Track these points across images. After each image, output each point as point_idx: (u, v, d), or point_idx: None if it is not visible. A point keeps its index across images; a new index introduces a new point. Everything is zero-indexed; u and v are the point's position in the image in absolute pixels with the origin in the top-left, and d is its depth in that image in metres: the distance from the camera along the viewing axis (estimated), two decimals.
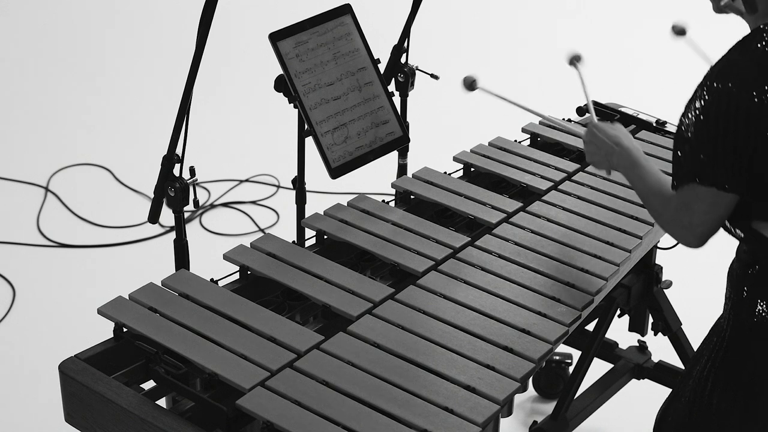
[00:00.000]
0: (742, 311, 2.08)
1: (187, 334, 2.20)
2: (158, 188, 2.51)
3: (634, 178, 2.23)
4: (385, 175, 3.32)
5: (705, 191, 1.98)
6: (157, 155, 2.55)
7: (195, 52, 2.40)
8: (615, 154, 2.29)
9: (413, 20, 3.05)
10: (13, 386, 3.53)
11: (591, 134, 2.37)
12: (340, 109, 2.72)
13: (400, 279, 2.48)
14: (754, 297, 2.06)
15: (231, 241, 4.10)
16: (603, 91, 3.75)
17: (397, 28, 3.08)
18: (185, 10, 5.60)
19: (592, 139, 2.36)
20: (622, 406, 3.29)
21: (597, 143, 2.34)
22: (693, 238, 2.05)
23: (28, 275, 4.11)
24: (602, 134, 2.33)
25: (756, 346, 2.07)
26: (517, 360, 2.18)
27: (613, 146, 2.29)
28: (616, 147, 2.29)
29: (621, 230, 2.67)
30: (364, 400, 2.04)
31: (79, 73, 5.87)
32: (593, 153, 2.37)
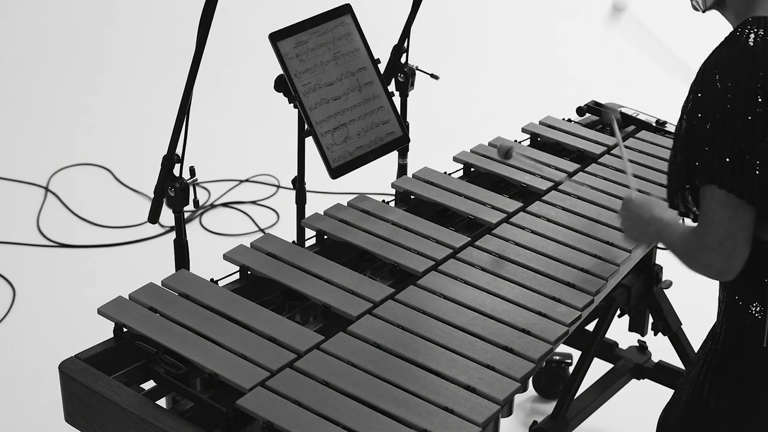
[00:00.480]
0: (735, 313, 2.08)
1: (187, 334, 2.20)
2: (158, 188, 2.51)
3: (667, 239, 2.14)
4: (385, 175, 3.32)
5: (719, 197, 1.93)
6: (157, 155, 2.55)
7: (195, 52, 2.40)
8: (650, 226, 2.20)
9: (413, 20, 3.05)
10: (13, 386, 3.53)
11: (626, 209, 2.29)
12: (340, 109, 2.72)
13: (400, 279, 2.48)
14: (748, 298, 2.05)
15: (231, 241, 4.10)
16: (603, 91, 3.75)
17: (397, 28, 3.08)
18: (185, 10, 5.60)
19: (628, 215, 2.28)
20: (622, 406, 3.29)
21: (632, 218, 2.26)
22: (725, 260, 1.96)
23: (28, 275, 4.11)
24: (637, 208, 2.24)
25: (750, 348, 2.07)
26: (517, 360, 2.18)
27: (648, 219, 2.21)
28: (651, 219, 2.20)
29: (621, 230, 2.67)
30: (364, 400, 2.04)
31: (79, 73, 5.87)
32: (629, 228, 2.28)
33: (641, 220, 2.23)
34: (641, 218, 2.23)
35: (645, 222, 2.22)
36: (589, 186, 2.88)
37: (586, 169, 2.98)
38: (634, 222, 2.26)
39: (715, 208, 1.95)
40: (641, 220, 2.23)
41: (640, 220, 2.23)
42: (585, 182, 2.90)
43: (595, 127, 3.28)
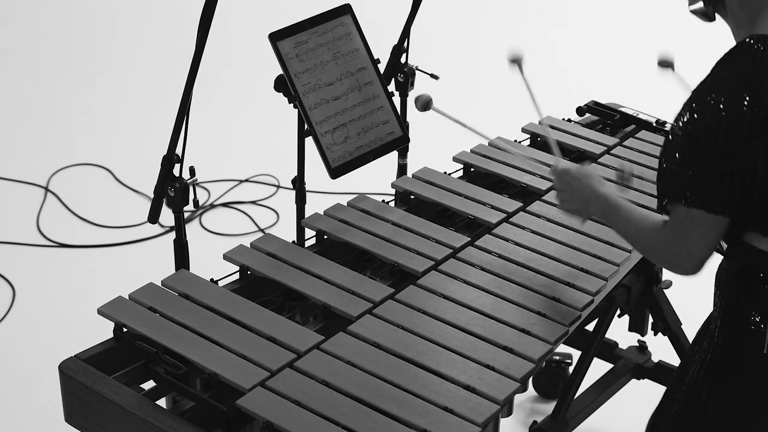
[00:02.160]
0: (734, 320, 2.06)
1: (187, 334, 2.20)
2: (158, 188, 2.51)
3: (618, 222, 2.15)
4: (385, 175, 3.32)
5: (698, 215, 1.94)
6: (157, 155, 2.55)
7: (195, 52, 2.40)
8: (592, 202, 2.20)
9: (413, 20, 3.05)
10: (13, 386, 3.53)
11: (563, 181, 2.26)
12: (340, 109, 2.72)
13: (400, 279, 2.48)
14: (747, 307, 2.04)
15: (231, 241, 4.10)
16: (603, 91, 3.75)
17: (397, 28, 3.08)
18: (185, 10, 5.60)
19: (565, 187, 2.26)
20: (622, 406, 3.29)
21: (571, 191, 2.25)
22: (691, 266, 2.00)
23: (28, 275, 4.11)
24: (577, 182, 2.23)
25: (749, 353, 2.05)
26: (517, 360, 2.18)
27: (590, 194, 2.21)
28: (593, 195, 2.20)
29: None
30: (364, 400, 2.04)
31: (79, 73, 5.88)
32: (568, 201, 2.27)
33: (581, 194, 2.22)
34: (582, 192, 2.22)
35: (586, 197, 2.21)
36: None
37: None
38: (573, 195, 2.25)
39: (689, 224, 1.95)
40: (581, 194, 2.22)
41: (580, 194, 2.23)
42: None
43: (595, 127, 3.28)
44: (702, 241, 1.96)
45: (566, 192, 2.27)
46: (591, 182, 2.22)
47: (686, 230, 1.96)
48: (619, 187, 2.37)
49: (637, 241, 2.11)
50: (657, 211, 2.06)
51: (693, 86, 1.97)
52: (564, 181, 2.27)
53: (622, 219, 2.14)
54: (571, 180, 2.25)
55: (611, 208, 2.16)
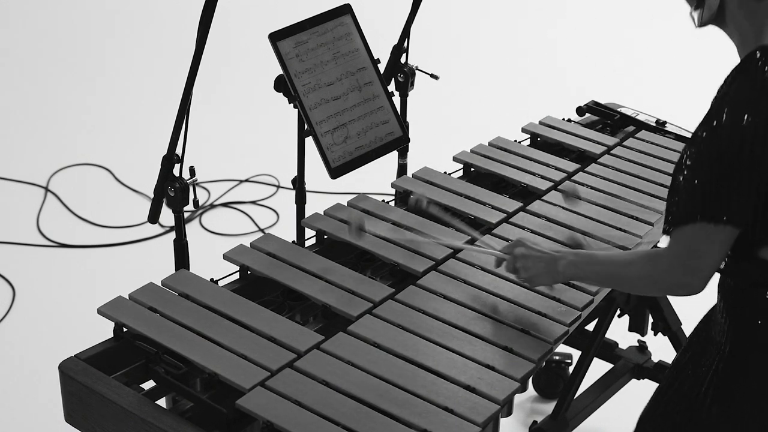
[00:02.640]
0: (745, 333, 2.04)
1: (187, 334, 2.20)
2: (158, 188, 2.51)
3: (596, 268, 2.11)
4: (385, 175, 3.32)
5: (716, 230, 1.90)
6: (157, 155, 2.55)
7: (195, 52, 2.40)
8: (561, 259, 2.16)
9: (413, 20, 3.05)
10: (13, 386, 3.53)
11: (522, 252, 2.23)
12: (340, 109, 2.72)
13: (400, 279, 2.48)
14: (755, 317, 2.02)
15: (231, 241, 4.10)
16: (603, 91, 3.75)
17: (397, 28, 3.08)
18: (185, 10, 5.60)
19: (526, 255, 2.22)
20: (622, 406, 3.29)
21: (533, 258, 2.21)
22: (699, 282, 1.95)
23: (28, 275, 4.11)
24: (534, 252, 2.20)
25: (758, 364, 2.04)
26: (517, 360, 2.18)
27: (556, 253, 2.18)
28: (559, 253, 2.18)
29: (621, 230, 2.67)
30: (364, 400, 2.03)
31: (79, 73, 5.88)
32: (529, 268, 2.22)
33: (545, 256, 2.18)
34: (545, 254, 2.19)
35: (552, 257, 2.18)
36: (589, 186, 2.88)
37: (586, 169, 2.98)
38: (536, 260, 2.20)
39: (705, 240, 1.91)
40: (545, 256, 2.18)
41: (544, 256, 2.19)
42: (585, 182, 2.90)
43: (595, 127, 3.29)
44: (717, 257, 1.93)
45: (527, 259, 2.22)
46: (546, 247, 2.22)
47: (701, 247, 1.92)
48: None
49: (627, 279, 2.05)
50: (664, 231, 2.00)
51: None
52: (523, 256, 2.23)
53: (603, 263, 2.10)
54: (527, 251, 2.22)
55: (586, 258, 2.14)
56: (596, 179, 2.92)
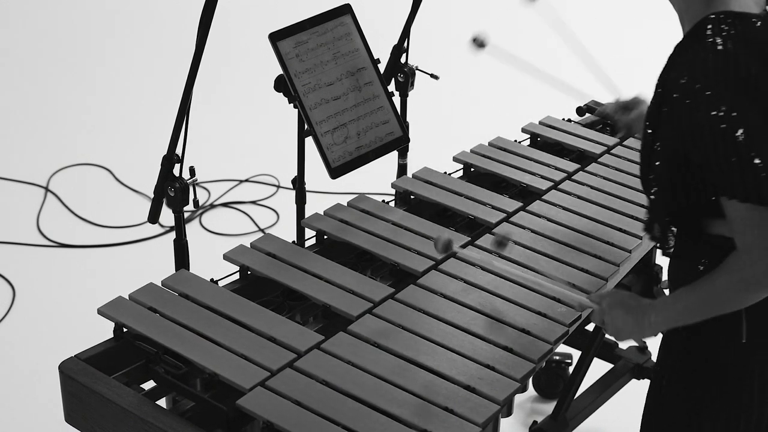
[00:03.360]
0: None
1: (187, 334, 2.20)
2: (158, 188, 2.51)
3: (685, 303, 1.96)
4: (385, 175, 3.32)
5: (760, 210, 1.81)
6: (157, 155, 2.55)
7: (195, 52, 2.40)
8: (651, 310, 2.01)
9: (413, 20, 3.05)
10: (13, 386, 3.53)
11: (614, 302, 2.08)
12: (340, 109, 2.72)
13: (400, 279, 2.48)
14: None
15: (231, 241, 4.10)
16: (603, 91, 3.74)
17: (397, 28, 3.08)
18: (185, 10, 5.60)
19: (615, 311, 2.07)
20: (622, 406, 3.29)
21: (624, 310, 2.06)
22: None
23: (28, 275, 4.11)
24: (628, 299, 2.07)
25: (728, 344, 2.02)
26: (517, 360, 2.18)
27: (645, 305, 2.03)
28: (649, 305, 2.02)
29: (621, 230, 2.67)
30: (364, 400, 2.03)
31: (79, 73, 5.88)
32: (618, 325, 2.07)
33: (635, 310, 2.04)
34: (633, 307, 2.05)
35: (641, 309, 2.03)
36: (589, 186, 2.88)
37: (586, 169, 2.98)
38: (625, 320, 2.05)
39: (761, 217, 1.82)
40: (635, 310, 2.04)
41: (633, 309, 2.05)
42: (585, 182, 2.90)
43: (595, 127, 3.28)
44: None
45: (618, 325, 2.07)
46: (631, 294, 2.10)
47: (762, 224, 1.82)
48: None
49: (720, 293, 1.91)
50: None
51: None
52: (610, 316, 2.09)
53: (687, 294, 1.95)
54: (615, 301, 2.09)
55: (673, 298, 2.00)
56: (596, 179, 2.92)
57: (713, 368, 2.05)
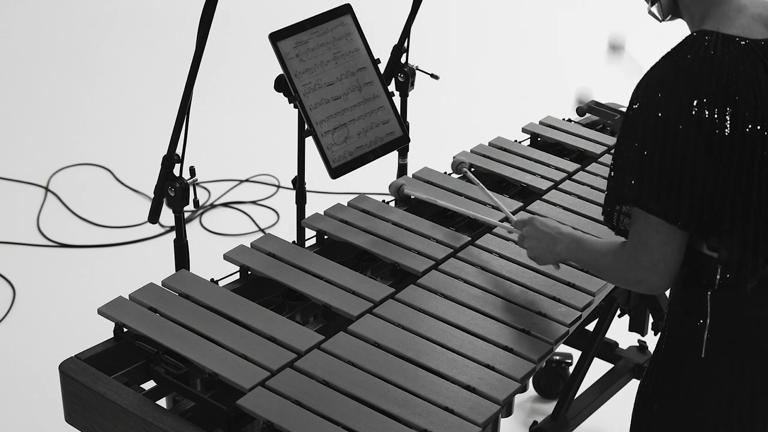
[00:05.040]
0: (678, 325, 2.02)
1: (187, 334, 2.20)
2: (158, 188, 2.51)
3: (584, 256, 2.12)
4: (385, 175, 3.32)
5: (655, 220, 1.86)
6: (157, 155, 2.55)
7: (195, 52, 2.40)
8: (558, 242, 2.20)
9: (413, 20, 3.05)
10: (13, 386, 3.53)
11: (532, 228, 2.27)
12: (340, 109, 2.72)
13: (400, 279, 2.48)
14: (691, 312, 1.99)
15: (231, 241, 4.11)
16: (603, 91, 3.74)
17: (397, 28, 3.08)
18: (185, 10, 5.60)
19: (533, 233, 2.27)
20: (622, 406, 3.29)
21: (538, 236, 2.25)
22: (657, 278, 1.91)
23: (28, 275, 4.11)
24: (542, 226, 2.25)
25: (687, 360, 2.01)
26: (517, 360, 2.18)
27: (556, 235, 2.22)
28: (559, 235, 2.21)
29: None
30: (364, 400, 2.03)
31: (79, 73, 5.88)
32: (535, 248, 2.26)
33: (548, 238, 2.22)
34: (549, 236, 2.22)
35: (553, 239, 2.21)
36: (589, 186, 2.88)
37: (586, 169, 2.98)
38: (540, 241, 2.24)
39: (650, 231, 1.88)
40: (548, 238, 2.22)
41: (547, 238, 2.23)
42: (585, 182, 2.90)
43: (595, 127, 3.29)
44: (665, 248, 1.88)
45: (533, 239, 2.27)
46: (555, 224, 2.24)
47: (648, 239, 1.89)
48: None
49: (599, 267, 2.07)
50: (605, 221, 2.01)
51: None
52: (532, 228, 2.27)
53: (587, 250, 2.11)
54: (538, 224, 2.26)
55: (576, 243, 2.16)
56: (596, 179, 2.92)
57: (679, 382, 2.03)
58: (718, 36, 1.85)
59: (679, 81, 1.82)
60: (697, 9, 1.93)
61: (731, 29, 1.87)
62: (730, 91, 1.81)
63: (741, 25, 1.88)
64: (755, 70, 1.84)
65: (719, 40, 1.85)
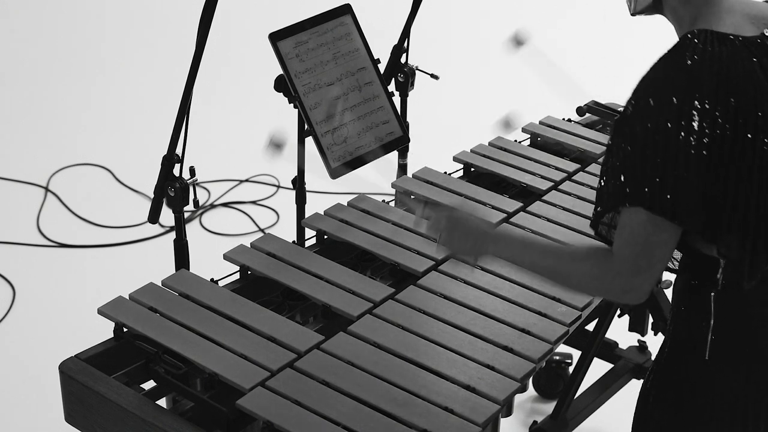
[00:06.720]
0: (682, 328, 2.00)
1: (187, 334, 2.20)
2: (158, 188, 2.51)
3: (534, 257, 1.94)
4: (385, 175, 3.32)
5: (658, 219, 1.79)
6: (157, 155, 2.55)
7: (195, 52, 2.40)
8: (490, 243, 1.99)
9: (413, 20, 3.05)
10: (13, 386, 3.52)
11: (452, 221, 2.04)
12: (340, 109, 2.72)
13: (400, 279, 2.48)
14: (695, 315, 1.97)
15: (231, 241, 4.10)
16: (603, 91, 3.75)
17: (397, 28, 3.08)
18: (185, 10, 5.60)
19: (455, 226, 2.03)
20: (622, 406, 3.28)
21: (463, 230, 2.02)
22: (650, 283, 1.83)
23: (28, 275, 4.10)
24: (467, 218, 2.03)
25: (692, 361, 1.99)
26: (517, 360, 2.18)
27: (487, 231, 2.01)
28: (490, 230, 2.01)
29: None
30: (364, 400, 2.04)
31: (79, 73, 5.87)
32: (455, 241, 2.03)
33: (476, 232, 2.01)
34: (476, 229, 2.01)
35: (480, 234, 2.00)
36: (589, 186, 2.88)
37: (586, 169, 2.98)
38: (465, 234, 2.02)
39: (650, 230, 1.81)
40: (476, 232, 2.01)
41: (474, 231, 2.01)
42: (585, 182, 2.90)
43: (595, 127, 3.29)
44: (664, 250, 1.82)
45: (456, 231, 2.03)
46: (480, 220, 2.05)
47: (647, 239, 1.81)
48: None
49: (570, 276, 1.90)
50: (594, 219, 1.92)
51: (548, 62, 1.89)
52: (453, 220, 2.04)
53: (542, 253, 1.95)
54: (459, 217, 2.04)
55: (520, 242, 2.00)
56: (596, 179, 2.91)
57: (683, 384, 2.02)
58: (713, 34, 1.85)
59: (679, 81, 1.81)
60: (686, 11, 1.92)
61: (723, 27, 1.87)
62: (730, 87, 1.81)
63: (732, 24, 1.88)
64: (752, 66, 1.84)
65: (714, 38, 1.84)
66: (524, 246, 1.98)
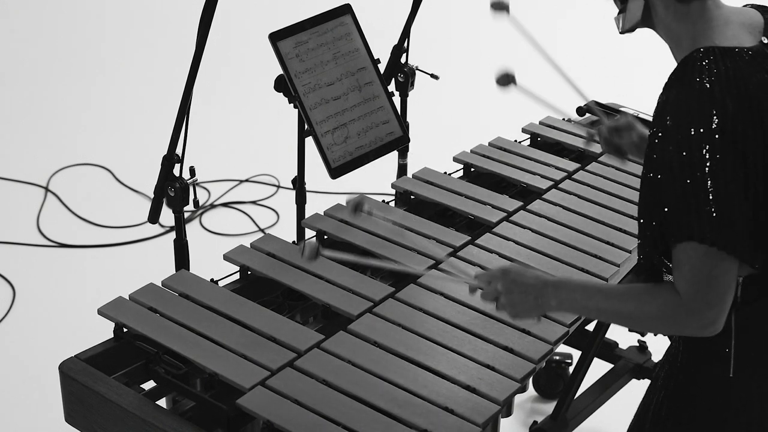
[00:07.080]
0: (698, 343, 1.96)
1: (187, 334, 2.20)
2: (158, 188, 2.51)
3: (599, 302, 1.89)
4: (385, 175, 3.32)
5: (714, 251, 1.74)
6: (157, 155, 2.55)
7: (195, 52, 2.40)
8: (550, 288, 1.92)
9: (413, 20, 3.05)
10: (13, 386, 3.53)
11: (508, 281, 1.96)
12: (340, 109, 2.72)
13: (400, 278, 2.48)
14: None
15: (231, 241, 4.10)
16: (603, 91, 3.75)
17: (397, 28, 3.08)
18: (185, 10, 5.60)
19: (512, 286, 1.95)
20: (622, 406, 3.29)
21: (521, 288, 1.94)
22: (723, 313, 1.78)
23: (28, 275, 4.11)
24: (522, 277, 1.95)
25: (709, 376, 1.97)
26: (517, 360, 2.18)
27: (546, 279, 1.94)
28: (550, 278, 1.94)
29: (621, 230, 2.67)
30: (364, 400, 2.03)
31: (79, 73, 5.88)
32: (516, 301, 1.95)
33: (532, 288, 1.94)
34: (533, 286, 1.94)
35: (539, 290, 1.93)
36: (589, 185, 2.88)
37: (586, 168, 2.98)
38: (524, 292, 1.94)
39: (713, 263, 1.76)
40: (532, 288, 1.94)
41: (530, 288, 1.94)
42: (585, 181, 2.90)
43: (595, 127, 3.28)
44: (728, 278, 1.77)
45: (514, 291, 1.95)
46: (534, 272, 1.98)
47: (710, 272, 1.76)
48: None
49: (636, 317, 1.86)
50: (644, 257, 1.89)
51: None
52: (509, 281, 1.96)
53: (604, 297, 1.89)
54: (515, 276, 1.96)
55: (581, 288, 1.92)
56: (596, 179, 2.92)
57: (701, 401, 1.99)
58: (719, 50, 1.81)
59: (702, 103, 1.75)
60: (683, 28, 1.86)
61: (726, 41, 1.83)
62: (753, 103, 1.78)
63: (733, 36, 1.84)
64: (764, 78, 1.82)
65: (722, 54, 1.80)
66: (585, 291, 1.91)
